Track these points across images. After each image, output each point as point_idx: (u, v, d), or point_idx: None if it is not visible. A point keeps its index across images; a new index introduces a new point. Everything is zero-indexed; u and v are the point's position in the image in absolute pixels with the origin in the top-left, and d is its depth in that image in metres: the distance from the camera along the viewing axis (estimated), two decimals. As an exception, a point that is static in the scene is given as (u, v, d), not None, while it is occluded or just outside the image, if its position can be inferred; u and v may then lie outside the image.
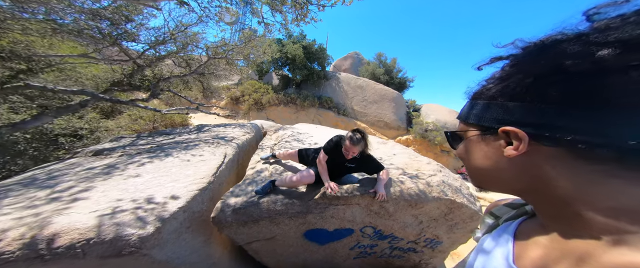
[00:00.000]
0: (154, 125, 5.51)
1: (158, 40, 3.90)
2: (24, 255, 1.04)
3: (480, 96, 0.32)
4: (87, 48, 3.95)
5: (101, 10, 3.13)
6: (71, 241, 1.08)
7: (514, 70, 0.28)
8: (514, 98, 0.27)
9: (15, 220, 1.18)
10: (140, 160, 2.06)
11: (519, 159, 0.28)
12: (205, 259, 1.66)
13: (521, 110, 0.26)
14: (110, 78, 4.51)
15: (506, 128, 0.27)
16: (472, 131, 0.33)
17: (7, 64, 3.07)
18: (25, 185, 1.63)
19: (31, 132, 3.26)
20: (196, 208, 1.56)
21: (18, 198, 1.44)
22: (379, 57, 15.38)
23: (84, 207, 1.31)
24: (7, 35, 2.84)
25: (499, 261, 0.33)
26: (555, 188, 0.26)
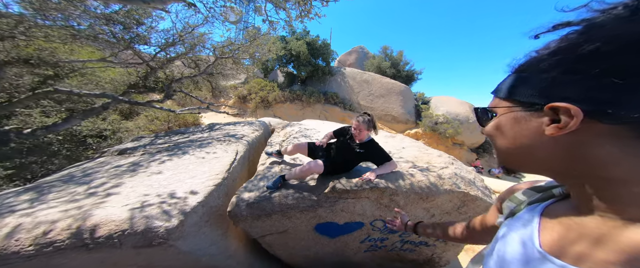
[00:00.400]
0: (169, 125, 5.77)
1: (168, 42, 4.05)
2: (72, 243, 1.16)
3: (527, 69, 0.29)
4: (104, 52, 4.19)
5: (114, 15, 3.29)
6: (109, 232, 1.20)
7: (584, 38, 0.24)
8: (574, 71, 0.24)
9: (61, 213, 1.31)
10: (160, 158, 2.18)
11: (563, 138, 0.26)
12: (223, 251, 1.75)
13: (581, 85, 0.24)
14: (127, 81, 4.75)
15: (556, 104, 0.25)
16: (510, 107, 0.30)
17: (36, 70, 3.33)
18: (65, 182, 1.79)
19: (62, 134, 3.54)
20: (213, 203, 1.65)
21: (61, 193, 1.59)
22: (385, 51, 15.03)
23: (117, 201, 1.43)
24: (33, 43, 3.04)
25: (515, 245, 0.32)
26: (602, 168, 0.25)
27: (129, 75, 4.90)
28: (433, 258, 2.40)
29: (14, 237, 1.16)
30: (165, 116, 5.75)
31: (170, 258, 1.37)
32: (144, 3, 2.17)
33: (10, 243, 1.14)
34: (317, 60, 12.09)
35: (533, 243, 0.30)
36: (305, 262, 2.29)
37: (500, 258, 0.34)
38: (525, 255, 0.31)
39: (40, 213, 1.31)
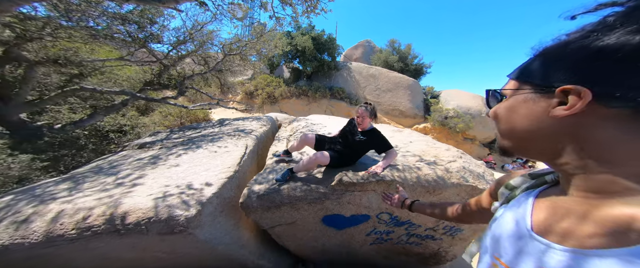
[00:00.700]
0: (181, 121, 6.03)
1: (179, 40, 4.19)
2: (106, 229, 1.29)
3: (551, 52, 0.29)
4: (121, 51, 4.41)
5: (129, 15, 3.43)
6: (137, 219, 1.31)
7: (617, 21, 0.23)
8: (595, 55, 0.24)
9: (96, 200, 1.45)
10: (177, 152, 2.31)
11: (567, 120, 0.27)
12: (236, 241, 1.86)
13: (596, 68, 0.24)
14: (142, 78, 5.01)
15: (568, 86, 0.25)
16: (524, 89, 0.31)
17: (63, 69, 3.58)
18: (95, 173, 1.96)
19: (88, 129, 3.83)
20: (226, 195, 1.75)
21: (93, 183, 1.74)
22: (392, 44, 14.66)
23: (142, 191, 1.55)
24: (58, 43, 3.25)
25: (507, 226, 0.35)
26: (600, 149, 0.26)
27: (144, 73, 5.16)
28: (439, 253, 2.41)
29: (58, 222, 1.30)
30: (178, 112, 5.99)
31: (190, 246, 1.49)
32: (159, 3, 2.25)
33: (56, 226, 1.28)
34: (322, 55, 11.99)
35: (525, 222, 0.33)
36: (313, 253, 2.38)
37: (495, 236, 0.37)
38: (517, 233, 0.33)
39: (79, 201, 1.45)
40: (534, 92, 0.30)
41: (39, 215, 1.36)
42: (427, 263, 2.58)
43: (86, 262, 1.44)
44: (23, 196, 1.63)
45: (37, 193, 1.65)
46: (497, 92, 0.36)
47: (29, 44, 3.08)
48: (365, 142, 1.77)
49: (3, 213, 1.41)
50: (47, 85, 3.81)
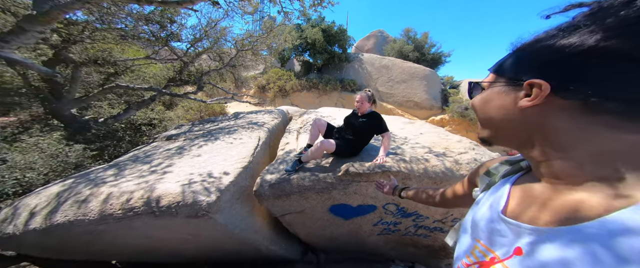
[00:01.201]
0: (201, 115, 6.45)
1: (196, 37, 4.43)
2: (144, 210, 1.49)
3: (524, 48, 0.31)
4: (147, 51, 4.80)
5: (151, 15, 3.70)
6: (169, 202, 1.50)
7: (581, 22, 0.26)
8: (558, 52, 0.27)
9: (135, 185, 1.68)
10: (198, 143, 2.53)
11: (531, 110, 0.29)
12: (251, 226, 2.03)
13: (557, 64, 0.27)
14: (166, 75, 5.45)
15: (533, 80, 0.28)
16: (499, 82, 0.34)
17: (102, 69, 4.04)
18: (133, 161, 2.23)
19: (124, 123, 4.30)
20: (242, 183, 1.90)
21: (132, 170, 2.00)
22: (407, 33, 13.88)
23: (171, 178, 1.75)
24: (96, 45, 3.66)
25: (484, 210, 0.38)
26: (556, 137, 0.29)
27: (167, 70, 5.60)
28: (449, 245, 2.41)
29: (109, 203, 1.54)
30: (198, 106, 6.42)
31: (211, 229, 1.66)
32: (176, 4, 2.41)
33: (107, 207, 1.52)
34: (333, 47, 11.75)
35: (498, 206, 0.36)
36: (322, 241, 2.50)
37: (475, 219, 0.40)
38: (491, 216, 0.36)
39: (123, 185, 1.69)
40: (506, 85, 0.33)
41: (94, 196, 1.61)
42: (437, 256, 2.59)
43: (130, 240, 1.70)
44: (81, 180, 1.92)
45: (91, 178, 1.93)
46: (477, 84, 0.39)
47: (73, 47, 3.50)
48: (365, 123, 1.96)
49: (67, 193, 1.70)
50: (90, 83, 4.34)
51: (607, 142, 0.26)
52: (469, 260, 0.38)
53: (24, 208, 1.68)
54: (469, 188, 0.58)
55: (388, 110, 10.64)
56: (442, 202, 0.70)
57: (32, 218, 1.56)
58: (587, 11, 0.26)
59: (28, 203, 1.73)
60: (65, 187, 1.81)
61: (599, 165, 0.27)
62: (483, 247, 0.36)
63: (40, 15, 1.97)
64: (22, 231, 1.54)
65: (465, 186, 0.59)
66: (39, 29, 2.03)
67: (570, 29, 0.27)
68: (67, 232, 1.54)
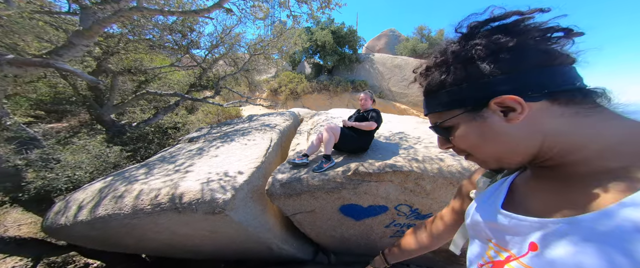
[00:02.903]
0: (218, 118, 6.83)
1: (212, 44, 4.73)
2: (169, 206, 1.61)
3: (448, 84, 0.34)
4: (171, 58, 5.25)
5: (173, 25, 4.05)
6: (190, 199, 1.62)
7: (486, 51, 0.31)
8: (492, 73, 0.30)
9: (162, 183, 1.84)
10: (216, 145, 2.70)
11: (524, 122, 0.30)
12: (264, 224, 2.10)
13: (503, 80, 0.30)
14: (188, 81, 5.88)
15: (500, 98, 0.30)
16: (459, 116, 0.34)
17: (135, 77, 4.51)
18: (160, 162, 2.44)
19: (154, 126, 4.75)
20: (255, 183, 1.98)
21: (160, 169, 2.19)
22: (420, 31, 13.49)
23: (192, 177, 1.89)
24: (129, 55, 4.12)
25: (489, 209, 0.38)
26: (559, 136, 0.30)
27: (188, 77, 6.07)
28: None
29: (140, 199, 1.71)
30: (216, 110, 6.83)
31: (227, 226, 1.76)
32: (195, 13, 2.61)
33: (139, 202, 1.69)
34: (343, 49, 11.76)
35: (498, 202, 0.37)
36: (332, 242, 2.50)
37: (479, 221, 0.39)
38: (495, 213, 0.37)
39: (152, 183, 1.86)
40: (470, 113, 0.33)
41: (128, 192, 1.80)
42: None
43: (157, 235, 1.86)
44: (118, 178, 2.14)
45: (126, 176, 2.14)
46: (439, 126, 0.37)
47: (111, 58, 3.93)
48: (365, 117, 2.18)
49: (107, 190, 1.91)
50: (125, 91, 4.87)
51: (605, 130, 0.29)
52: (483, 260, 0.38)
53: (73, 202, 1.91)
54: (461, 205, 0.54)
55: (402, 111, 10.36)
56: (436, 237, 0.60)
57: (80, 211, 1.78)
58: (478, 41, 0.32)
59: (77, 198, 1.96)
60: (106, 183, 2.03)
61: (609, 157, 0.28)
62: (496, 246, 0.36)
63: (85, 30, 2.24)
64: (72, 222, 1.75)
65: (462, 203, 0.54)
66: (85, 43, 2.32)
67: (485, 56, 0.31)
68: (107, 225, 1.73)
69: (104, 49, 3.75)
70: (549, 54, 0.30)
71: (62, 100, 4.50)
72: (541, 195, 0.33)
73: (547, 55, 0.30)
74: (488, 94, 0.31)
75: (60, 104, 4.53)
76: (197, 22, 4.34)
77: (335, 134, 1.97)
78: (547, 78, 0.30)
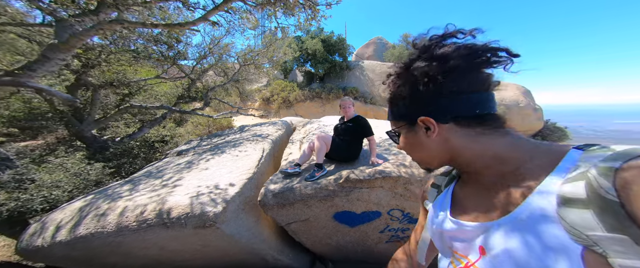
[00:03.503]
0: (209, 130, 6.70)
1: (201, 54, 4.72)
2: (156, 221, 1.59)
3: (399, 98, 0.43)
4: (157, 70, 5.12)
5: (159, 36, 4.00)
6: (179, 214, 1.59)
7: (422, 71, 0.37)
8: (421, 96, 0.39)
9: (148, 199, 1.79)
10: (206, 157, 2.65)
11: (437, 138, 0.40)
12: (257, 236, 2.06)
13: (427, 102, 0.39)
14: (176, 93, 5.80)
15: (421, 118, 0.39)
16: (402, 126, 0.44)
17: (118, 90, 4.35)
18: (147, 177, 2.37)
19: (139, 141, 4.58)
20: (247, 194, 1.96)
21: (146, 185, 2.13)
22: (406, 39, 14.19)
23: (181, 191, 1.86)
24: (111, 68, 3.97)
25: (441, 214, 0.44)
26: (461, 149, 0.39)
27: (176, 88, 5.96)
28: None
29: (124, 216, 1.65)
30: (206, 121, 6.68)
31: (219, 239, 1.71)
32: (179, 26, 2.61)
33: (123, 219, 1.63)
34: (333, 57, 12.08)
35: (446, 210, 0.43)
36: (328, 250, 2.47)
37: (432, 230, 0.46)
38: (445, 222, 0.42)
39: (137, 199, 1.81)
40: (408, 125, 0.43)
41: (111, 210, 1.73)
42: None
43: (145, 252, 1.78)
44: (100, 195, 2.06)
45: (109, 193, 2.07)
46: (393, 131, 0.48)
47: (92, 71, 3.81)
48: (352, 127, 2.08)
49: (88, 208, 1.83)
50: (108, 105, 4.69)
51: (489, 146, 0.37)
52: None
53: (51, 222, 1.81)
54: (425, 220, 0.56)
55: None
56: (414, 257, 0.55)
57: (58, 231, 1.69)
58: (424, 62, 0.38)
59: (54, 218, 1.86)
60: (87, 202, 1.95)
61: (496, 165, 0.36)
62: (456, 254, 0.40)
63: (61, 44, 2.16)
64: (49, 243, 1.66)
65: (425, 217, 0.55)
66: (61, 57, 2.22)
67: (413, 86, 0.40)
68: (89, 244, 1.65)
69: (84, 61, 3.62)
70: (468, 82, 0.37)
71: (38, 116, 4.25)
72: (474, 200, 0.39)
73: (464, 83, 0.37)
74: (418, 113, 0.40)
75: (35, 120, 4.26)
76: (184, 33, 4.33)
77: (326, 143, 1.99)
78: (456, 105, 0.37)
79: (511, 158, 0.35)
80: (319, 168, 1.96)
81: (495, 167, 0.37)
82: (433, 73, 0.36)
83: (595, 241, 0.24)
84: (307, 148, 2.17)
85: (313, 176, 1.92)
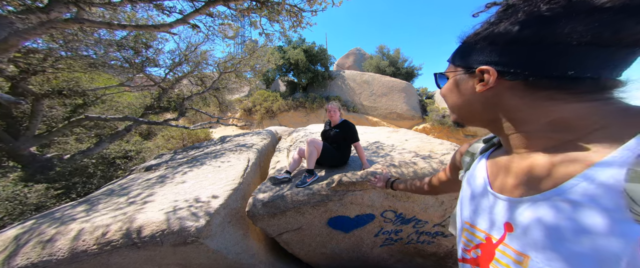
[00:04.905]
0: (183, 143, 6.13)
1: (174, 62, 4.39)
2: (124, 242, 1.36)
3: (468, 40, 0.36)
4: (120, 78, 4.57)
5: (123, 41, 3.62)
6: (152, 232, 1.38)
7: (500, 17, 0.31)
8: (494, 41, 0.32)
9: (112, 218, 1.53)
10: (182, 170, 2.41)
11: (487, 93, 0.34)
12: (246, 250, 1.88)
13: (496, 51, 0.32)
14: (143, 103, 5.20)
15: (482, 67, 0.33)
16: (457, 71, 0.38)
17: (68, 100, 3.74)
18: (108, 195, 2.05)
19: (95, 157, 3.96)
20: (233, 205, 1.80)
21: (107, 204, 1.83)
22: (381, 50, 15.24)
23: (153, 207, 1.63)
24: (60, 75, 3.43)
25: (478, 183, 0.40)
26: (512, 113, 0.33)
27: (144, 98, 5.36)
28: (454, 251, 2.38)
29: (80, 239, 1.37)
30: (180, 134, 6.13)
31: (203, 256, 1.52)
32: (154, 28, 2.41)
33: (79, 244, 1.35)
34: (315, 66, 12.39)
35: (483, 181, 0.39)
36: (323, 259, 2.35)
37: (463, 198, 0.43)
38: (473, 193, 0.40)
39: (96, 220, 1.53)
40: (463, 73, 0.37)
41: (61, 234, 1.43)
42: (445, 265, 2.53)
43: None
44: (44, 220, 1.71)
45: (56, 216, 1.72)
46: (442, 74, 0.43)
47: (33, 78, 3.23)
48: (339, 133, 2.05)
49: (28, 235, 1.49)
50: (54, 117, 3.98)
51: (552, 112, 0.30)
52: (464, 244, 0.39)
53: None
54: (451, 173, 0.63)
55: (374, 123, 11.05)
56: (431, 189, 0.74)
57: None
58: (500, 8, 0.32)
59: None
60: (25, 229, 1.59)
61: (552, 132, 0.31)
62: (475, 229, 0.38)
63: None
64: None
65: (448, 172, 0.64)
66: (-7, 58, 1.86)
67: (497, 22, 0.32)
68: None
69: (23, 67, 3.06)
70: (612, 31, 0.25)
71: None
72: (507, 172, 0.36)
73: (606, 32, 0.26)
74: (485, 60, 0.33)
75: None
76: (155, 38, 4.01)
77: (317, 148, 1.94)
78: (554, 62, 0.28)
79: (578, 126, 0.29)
80: (310, 174, 1.90)
81: (551, 135, 0.31)
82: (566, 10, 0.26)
83: None
84: (297, 154, 2.10)
85: (304, 182, 1.85)
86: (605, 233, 0.23)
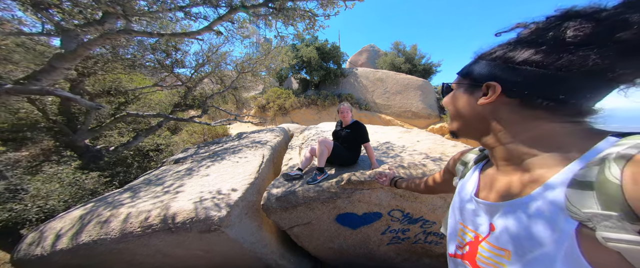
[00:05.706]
0: (204, 138, 6.62)
1: (198, 63, 4.75)
2: (161, 227, 1.59)
3: (485, 57, 0.39)
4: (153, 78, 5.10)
5: (156, 44, 4.02)
6: (183, 219, 1.60)
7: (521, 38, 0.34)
8: (507, 61, 0.35)
9: (151, 205, 1.79)
10: (206, 164, 2.67)
11: (487, 106, 0.37)
12: (260, 240, 2.06)
13: (506, 70, 0.35)
14: (172, 101, 5.73)
15: (490, 82, 0.36)
16: (463, 84, 0.42)
17: (113, 98, 4.30)
18: (146, 184, 2.35)
19: (133, 150, 4.51)
20: (250, 198, 1.98)
21: (146, 192, 2.12)
22: (397, 46, 14.68)
23: (184, 197, 1.86)
24: (107, 76, 3.95)
25: (468, 190, 0.45)
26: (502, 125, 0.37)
27: (172, 96, 5.91)
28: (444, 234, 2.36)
29: (128, 222, 1.64)
30: (201, 129, 6.63)
31: (223, 244, 1.72)
32: (184, 36, 2.69)
33: (127, 225, 1.62)
34: (328, 64, 12.35)
35: (471, 190, 0.44)
36: (331, 254, 2.47)
37: (454, 205, 0.48)
38: (465, 199, 0.45)
39: (139, 206, 1.80)
40: (470, 86, 0.41)
41: (114, 216, 1.72)
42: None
43: (148, 258, 1.76)
44: (100, 203, 2.04)
45: (109, 201, 2.05)
46: (448, 85, 0.47)
47: (87, 79, 3.75)
48: (350, 133, 2.11)
49: (89, 216, 1.81)
50: (102, 113, 4.60)
51: (534, 128, 0.35)
52: (458, 242, 0.44)
53: (49, 231, 1.78)
54: (444, 176, 0.69)
55: (387, 121, 10.83)
56: (426, 189, 0.80)
57: (59, 239, 1.66)
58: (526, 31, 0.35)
59: (53, 226, 1.83)
60: (87, 210, 1.93)
61: (527, 146, 0.35)
62: (467, 229, 0.43)
63: (68, 53, 2.20)
64: (49, 252, 1.63)
65: (442, 174, 0.70)
66: (67, 66, 2.25)
67: (515, 44, 0.35)
68: (91, 252, 1.63)
69: (80, 70, 3.60)
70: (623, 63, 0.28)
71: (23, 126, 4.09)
72: (497, 180, 0.41)
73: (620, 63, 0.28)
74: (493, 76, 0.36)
75: (20, 131, 4.12)
76: (182, 42, 4.37)
77: (328, 148, 2.03)
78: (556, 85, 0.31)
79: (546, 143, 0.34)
80: (321, 172, 2.01)
81: (525, 149, 0.36)
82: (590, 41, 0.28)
83: (589, 217, 0.26)
84: (309, 153, 2.22)
85: (315, 179, 1.97)
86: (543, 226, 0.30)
